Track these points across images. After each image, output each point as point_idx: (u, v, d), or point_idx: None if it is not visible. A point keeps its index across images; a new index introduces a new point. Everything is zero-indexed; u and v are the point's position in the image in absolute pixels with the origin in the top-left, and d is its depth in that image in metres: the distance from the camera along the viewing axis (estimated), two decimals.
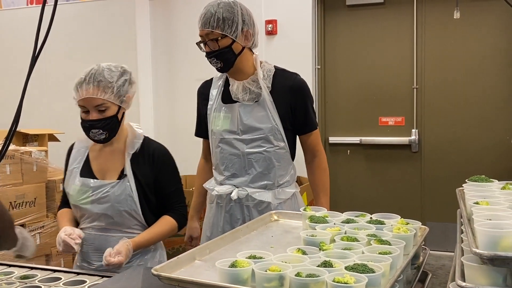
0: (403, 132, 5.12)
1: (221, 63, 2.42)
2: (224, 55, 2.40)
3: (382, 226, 1.76)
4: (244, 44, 2.43)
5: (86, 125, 2.21)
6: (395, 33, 5.05)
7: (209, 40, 2.39)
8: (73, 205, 2.33)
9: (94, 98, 2.16)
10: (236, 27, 2.37)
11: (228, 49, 2.39)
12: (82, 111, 2.21)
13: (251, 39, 2.45)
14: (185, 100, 5.51)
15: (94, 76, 2.19)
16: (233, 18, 2.36)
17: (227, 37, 2.37)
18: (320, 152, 2.61)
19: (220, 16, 2.35)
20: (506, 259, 1.12)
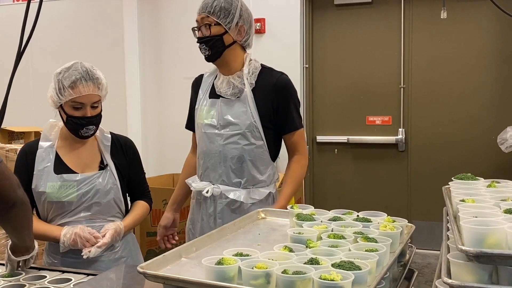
0: (390, 131, 5.14)
1: (209, 50, 2.45)
2: (214, 43, 2.42)
3: (369, 224, 1.76)
4: (236, 38, 2.45)
5: (83, 122, 2.27)
6: (383, 33, 5.07)
7: (203, 25, 2.43)
8: (50, 203, 2.30)
9: (94, 95, 2.26)
10: (231, 19, 2.40)
11: (219, 37, 2.42)
12: (73, 107, 2.24)
13: (244, 35, 2.46)
14: (173, 98, 5.50)
15: (90, 73, 2.27)
16: (231, 10, 2.40)
17: (220, 26, 2.41)
18: (302, 152, 2.58)
19: (219, 4, 2.40)
20: (492, 256, 1.13)
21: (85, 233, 2.23)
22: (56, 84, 2.26)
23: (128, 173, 2.45)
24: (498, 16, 4.49)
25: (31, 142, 2.46)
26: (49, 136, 2.39)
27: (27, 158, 2.36)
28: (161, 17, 5.49)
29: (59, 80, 2.25)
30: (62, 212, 2.31)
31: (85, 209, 2.31)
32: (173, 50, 5.45)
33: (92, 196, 2.31)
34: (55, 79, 2.28)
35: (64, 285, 1.89)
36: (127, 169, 2.45)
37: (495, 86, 4.80)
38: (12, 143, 3.99)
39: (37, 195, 2.32)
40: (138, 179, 2.53)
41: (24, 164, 2.35)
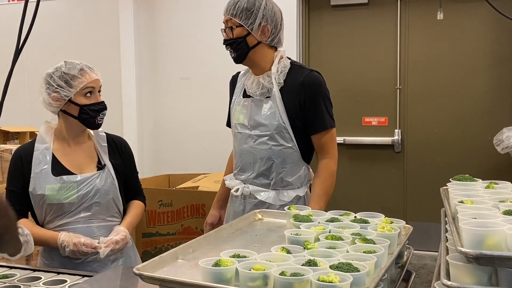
0: (386, 132, 5.13)
1: (234, 53, 2.43)
2: (237, 45, 2.40)
3: (367, 225, 1.75)
4: (260, 38, 2.40)
5: (100, 107, 2.33)
6: (379, 34, 5.06)
7: (227, 27, 2.41)
8: (49, 205, 2.28)
9: (99, 80, 2.36)
10: (254, 20, 2.36)
11: (242, 40, 2.39)
12: (85, 95, 2.29)
13: (268, 35, 2.41)
14: (169, 98, 5.48)
15: (88, 65, 2.36)
16: (253, 10, 2.36)
17: (242, 27, 2.37)
18: (331, 154, 2.48)
19: (241, 6, 2.36)
20: (491, 258, 1.12)
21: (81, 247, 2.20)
22: (57, 81, 2.26)
23: (123, 173, 2.47)
24: (494, 18, 4.49)
25: (25, 145, 2.45)
26: (45, 138, 2.38)
27: (22, 161, 2.34)
28: (157, 17, 5.47)
29: (62, 75, 2.27)
30: (61, 213, 2.30)
31: (85, 210, 2.32)
32: (169, 50, 5.43)
33: (92, 196, 2.32)
34: (52, 78, 2.28)
35: (59, 286, 1.88)
36: (123, 169, 2.47)
37: (491, 87, 4.80)
38: (7, 143, 3.96)
39: (35, 198, 2.30)
40: (133, 178, 2.56)
41: (20, 168, 2.34)
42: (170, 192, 4.12)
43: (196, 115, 5.35)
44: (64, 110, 2.32)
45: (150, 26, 5.47)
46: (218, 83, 4.89)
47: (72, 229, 2.29)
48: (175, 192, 4.09)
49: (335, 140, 2.53)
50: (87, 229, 2.31)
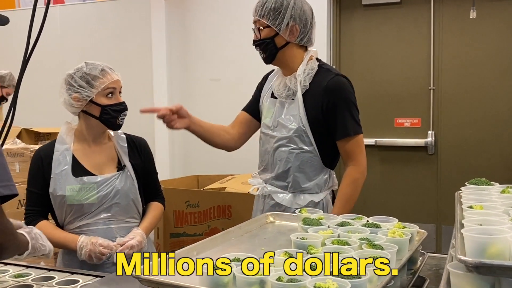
0: (419, 134, 5.01)
1: (263, 53, 2.41)
2: (265, 46, 2.38)
3: (377, 230, 1.70)
4: (288, 38, 2.36)
5: (121, 107, 2.34)
6: (412, 33, 4.96)
7: (256, 28, 2.40)
8: (69, 206, 2.30)
9: (119, 81, 2.35)
10: (281, 20, 2.32)
11: (270, 40, 2.36)
12: (106, 95, 2.30)
13: (297, 34, 2.36)
14: (199, 100, 5.50)
15: (107, 65, 2.35)
16: (281, 10, 2.32)
17: (270, 28, 2.34)
18: (356, 162, 2.37)
19: (269, 6, 2.33)
20: (492, 267, 1.06)
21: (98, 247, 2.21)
22: (79, 82, 2.28)
23: (143, 173, 2.47)
24: None
25: (46, 146, 2.46)
26: (66, 139, 2.39)
27: (42, 162, 2.35)
28: (188, 19, 5.50)
29: (83, 75, 2.28)
30: (81, 214, 2.32)
31: (105, 211, 2.32)
32: (199, 51, 5.45)
33: (112, 197, 2.32)
34: (74, 79, 2.30)
35: (70, 286, 1.89)
36: (143, 169, 2.46)
37: None
38: (38, 144, 4.05)
39: (56, 199, 2.31)
40: (152, 179, 2.55)
41: (40, 169, 2.35)
42: (197, 193, 4.13)
43: (226, 116, 5.34)
44: (85, 111, 2.33)
45: (181, 28, 5.51)
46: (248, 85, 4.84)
47: (91, 230, 2.30)
48: (202, 193, 4.11)
49: (362, 147, 2.41)
50: (107, 230, 2.32)
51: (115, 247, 2.22)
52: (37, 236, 1.50)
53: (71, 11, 5.94)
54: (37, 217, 2.36)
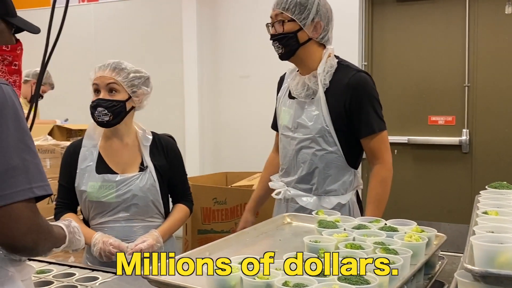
0: (454, 132, 4.91)
1: (282, 48, 2.31)
2: (287, 41, 2.29)
3: (393, 234, 1.66)
4: (311, 35, 2.30)
5: (93, 104, 2.28)
6: (446, 29, 4.84)
7: (277, 21, 2.30)
8: (90, 202, 2.34)
9: (107, 77, 2.27)
10: (307, 15, 2.26)
11: (293, 35, 2.28)
12: (94, 91, 2.30)
13: (320, 31, 2.31)
14: (229, 97, 5.52)
15: (114, 62, 2.33)
16: (307, 5, 2.26)
17: (294, 22, 2.27)
18: (382, 159, 2.32)
19: (294, 0, 2.27)
20: (500, 277, 1.02)
21: (109, 247, 2.22)
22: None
23: (168, 175, 2.43)
24: None
25: (76, 141, 2.50)
26: (93, 135, 2.42)
27: (71, 156, 2.40)
28: (218, 16, 5.52)
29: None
30: (102, 211, 2.34)
31: (124, 210, 2.32)
32: (229, 48, 5.46)
33: (130, 197, 2.31)
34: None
35: (90, 283, 1.93)
36: (168, 171, 2.42)
37: None
38: (69, 140, 4.13)
39: (79, 193, 2.36)
40: (179, 181, 2.50)
41: (68, 163, 2.40)
42: (224, 190, 4.14)
43: (254, 113, 5.35)
44: None
45: (211, 26, 5.53)
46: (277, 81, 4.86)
47: (111, 228, 2.33)
48: (229, 190, 4.11)
49: (387, 143, 2.36)
50: (126, 229, 2.33)
51: (126, 249, 2.22)
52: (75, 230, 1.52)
53: (104, 9, 6.04)
54: (64, 210, 2.41)
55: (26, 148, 1.23)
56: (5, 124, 1.21)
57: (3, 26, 1.46)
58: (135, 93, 2.32)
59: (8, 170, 1.20)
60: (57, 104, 5.61)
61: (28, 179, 1.22)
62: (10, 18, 1.48)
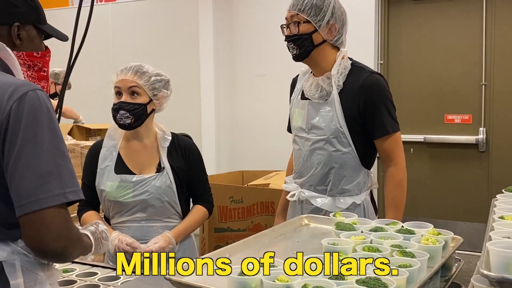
0: (470, 131, 4.89)
1: (297, 49, 2.34)
2: (302, 42, 2.32)
3: (410, 236, 1.69)
4: (326, 37, 2.33)
5: (115, 107, 2.33)
6: (463, 27, 4.82)
7: (292, 22, 2.34)
8: (109, 201, 2.39)
9: (129, 80, 2.32)
10: (322, 17, 2.29)
11: (308, 36, 2.31)
12: (116, 94, 2.35)
13: (335, 34, 2.34)
14: (245, 95, 5.55)
15: (136, 66, 2.36)
16: (322, 8, 2.29)
17: (310, 24, 2.30)
18: (396, 161, 2.35)
19: (310, 1, 2.29)
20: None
21: (124, 246, 2.28)
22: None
23: (186, 176, 2.45)
24: None
25: (98, 141, 2.56)
26: (114, 136, 2.47)
27: (93, 156, 2.47)
28: (234, 15, 5.55)
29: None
30: (120, 210, 2.40)
31: (141, 210, 2.37)
32: (245, 47, 5.49)
33: (146, 198, 2.35)
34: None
35: (112, 282, 1.97)
36: (186, 172, 2.45)
37: None
38: (89, 140, 4.19)
39: (99, 192, 2.42)
40: (198, 182, 2.52)
41: (90, 162, 2.47)
42: (240, 189, 4.18)
43: (270, 111, 5.37)
44: None
45: (228, 25, 5.56)
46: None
47: (129, 228, 2.38)
48: (246, 189, 4.15)
49: (400, 144, 2.39)
50: (144, 229, 2.38)
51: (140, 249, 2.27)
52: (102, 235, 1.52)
53: (122, 8, 6.09)
54: (86, 208, 2.48)
55: (60, 153, 1.26)
56: (40, 130, 1.24)
57: (34, 32, 1.50)
58: (156, 96, 2.36)
59: (43, 175, 1.22)
60: (75, 103, 5.67)
61: (62, 184, 1.25)
62: (42, 25, 1.51)
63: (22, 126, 1.23)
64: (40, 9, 1.52)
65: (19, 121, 1.23)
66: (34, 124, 1.24)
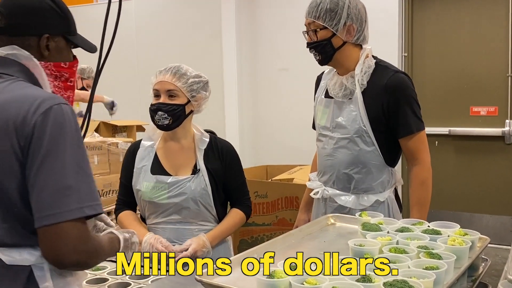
0: (496, 123, 4.83)
1: (319, 55, 2.36)
2: (322, 48, 2.33)
3: (437, 237, 1.70)
4: (345, 38, 2.32)
5: (153, 108, 2.33)
6: (489, 18, 4.75)
7: (311, 30, 2.34)
8: (145, 202, 2.39)
9: (168, 83, 2.31)
10: (338, 20, 2.28)
11: (327, 42, 2.31)
12: (155, 95, 2.35)
13: (354, 34, 2.33)
14: (268, 90, 5.56)
15: (175, 68, 2.35)
16: (337, 11, 2.28)
17: (327, 29, 2.29)
18: (421, 160, 2.34)
19: (323, 7, 2.28)
20: None
21: (158, 245, 2.27)
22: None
23: (223, 179, 2.42)
24: None
25: (137, 141, 2.56)
26: (152, 136, 2.47)
27: (131, 155, 2.47)
28: (257, 10, 5.55)
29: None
30: (155, 211, 2.39)
31: (176, 212, 2.36)
32: (268, 42, 5.50)
33: (181, 200, 2.34)
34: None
35: (142, 280, 2.02)
36: (222, 175, 2.42)
37: None
38: (115, 136, 4.25)
39: (135, 192, 2.42)
40: (235, 185, 2.49)
41: (128, 161, 2.48)
42: (265, 184, 4.20)
43: (294, 105, 5.38)
44: None
45: (250, 19, 5.57)
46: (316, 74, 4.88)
47: (164, 229, 2.38)
48: (270, 184, 4.17)
49: (425, 143, 2.38)
50: (179, 231, 2.38)
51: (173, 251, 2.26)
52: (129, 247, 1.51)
53: (145, 5, 6.14)
54: (123, 207, 2.51)
55: (79, 169, 1.28)
56: (62, 144, 1.26)
57: (63, 43, 1.51)
58: (194, 98, 2.35)
59: (60, 189, 1.24)
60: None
61: (79, 199, 1.26)
62: (71, 36, 1.53)
63: (45, 139, 1.25)
64: (70, 20, 1.53)
65: (43, 134, 1.25)
66: (57, 138, 1.26)
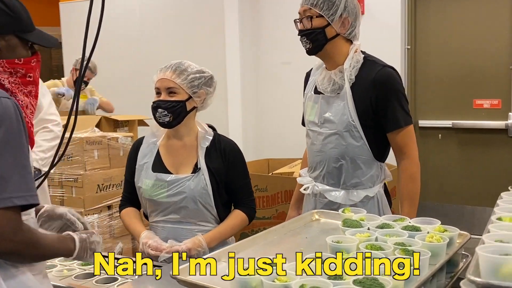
0: (499, 116, 4.79)
1: (310, 43, 2.36)
2: (315, 36, 2.33)
3: (415, 234, 1.70)
4: (339, 30, 2.33)
5: (154, 105, 2.30)
6: (492, 10, 4.71)
7: (305, 17, 2.35)
8: (145, 199, 2.38)
9: (167, 80, 2.28)
10: (335, 11, 2.30)
11: (321, 30, 2.32)
12: (156, 93, 2.32)
13: (348, 27, 2.34)
14: (270, 83, 5.56)
15: (175, 64, 2.31)
16: (335, 1, 2.29)
17: (322, 18, 2.31)
18: (409, 154, 2.35)
19: None
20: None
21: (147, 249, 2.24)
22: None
23: (225, 179, 2.37)
24: None
25: (141, 138, 2.54)
26: (156, 133, 2.44)
27: (134, 152, 2.46)
28: (260, 2, 5.55)
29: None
30: (155, 209, 2.37)
31: (175, 212, 2.32)
32: (271, 35, 5.49)
33: (180, 199, 2.30)
34: None
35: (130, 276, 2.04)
36: (224, 174, 2.36)
37: None
38: (116, 131, 4.28)
39: (137, 189, 2.41)
40: (238, 186, 2.42)
41: (132, 158, 2.47)
42: (265, 177, 4.22)
43: (296, 99, 5.34)
44: None
45: (253, 12, 5.56)
46: None
47: (163, 228, 2.36)
48: (270, 178, 4.19)
49: (413, 137, 2.40)
50: (177, 231, 2.34)
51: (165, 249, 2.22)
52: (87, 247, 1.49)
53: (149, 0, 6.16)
54: (127, 204, 2.51)
55: (14, 160, 1.28)
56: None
57: (16, 41, 1.53)
58: (196, 93, 2.30)
59: None
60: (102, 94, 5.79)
61: (10, 189, 1.26)
62: (25, 34, 1.54)
63: None
64: (22, 18, 1.54)
65: None
66: None
